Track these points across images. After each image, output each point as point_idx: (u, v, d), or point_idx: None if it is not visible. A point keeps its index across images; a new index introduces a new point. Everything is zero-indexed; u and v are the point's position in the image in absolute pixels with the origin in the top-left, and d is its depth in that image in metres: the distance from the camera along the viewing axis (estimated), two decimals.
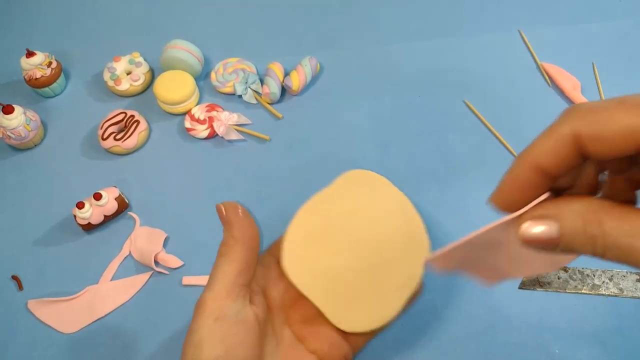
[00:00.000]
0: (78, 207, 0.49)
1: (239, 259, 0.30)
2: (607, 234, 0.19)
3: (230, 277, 0.30)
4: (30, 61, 0.58)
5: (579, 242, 0.20)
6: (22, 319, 0.48)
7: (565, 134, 0.21)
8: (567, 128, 0.21)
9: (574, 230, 0.20)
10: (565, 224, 0.20)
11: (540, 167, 0.22)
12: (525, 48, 0.63)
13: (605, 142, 0.20)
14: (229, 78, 0.60)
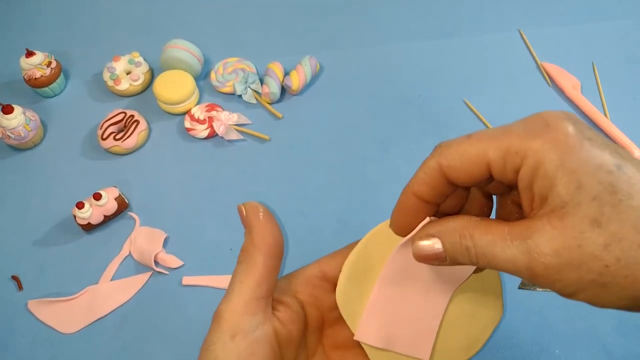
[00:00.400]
0: (78, 207, 0.49)
1: (258, 268, 0.28)
2: (476, 244, 0.23)
3: (249, 289, 0.28)
4: (29, 61, 0.58)
5: (459, 254, 0.23)
6: (22, 319, 0.48)
7: (432, 167, 0.25)
8: (433, 161, 0.25)
9: (453, 244, 0.23)
10: (445, 240, 0.24)
11: (418, 195, 0.25)
12: (525, 48, 0.63)
13: (459, 170, 0.24)
14: (228, 78, 0.60)
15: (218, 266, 0.50)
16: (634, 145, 0.55)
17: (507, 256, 0.22)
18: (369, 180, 0.54)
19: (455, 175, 0.24)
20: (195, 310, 0.48)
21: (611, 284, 0.21)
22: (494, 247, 0.22)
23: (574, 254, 0.21)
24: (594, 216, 0.20)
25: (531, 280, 0.22)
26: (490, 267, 0.23)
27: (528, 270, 0.22)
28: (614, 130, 0.56)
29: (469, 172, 0.24)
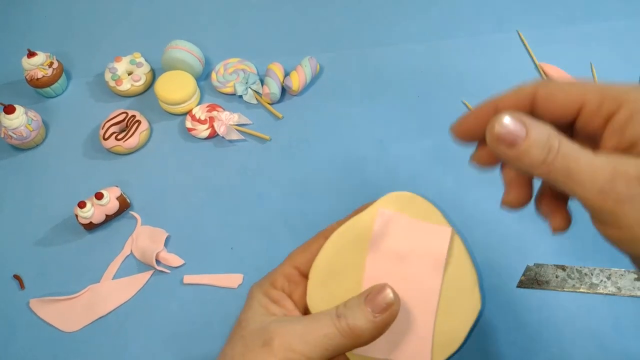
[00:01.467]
0: (80, 207, 0.50)
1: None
2: (562, 145, 0.23)
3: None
4: (31, 61, 0.58)
5: (538, 146, 0.23)
6: (24, 318, 0.48)
7: (527, 90, 0.25)
8: (530, 87, 0.25)
9: (539, 137, 0.23)
10: (533, 129, 0.23)
11: (500, 108, 0.26)
12: (524, 48, 0.64)
13: (554, 101, 0.25)
14: (229, 78, 0.61)
15: (219, 265, 0.50)
16: None
17: (590, 162, 0.22)
18: (369, 180, 0.54)
19: (547, 105, 0.25)
20: (197, 309, 0.48)
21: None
22: (579, 153, 0.22)
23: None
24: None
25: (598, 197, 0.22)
26: (564, 171, 0.23)
27: (607, 182, 0.22)
28: None
29: (562, 105, 0.25)
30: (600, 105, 0.24)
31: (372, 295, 0.28)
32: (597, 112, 0.24)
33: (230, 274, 0.49)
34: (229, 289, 0.49)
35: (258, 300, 0.30)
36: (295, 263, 0.31)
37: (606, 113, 0.24)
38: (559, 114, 0.25)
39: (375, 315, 0.27)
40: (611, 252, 0.51)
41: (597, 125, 0.24)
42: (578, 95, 0.25)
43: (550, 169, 0.23)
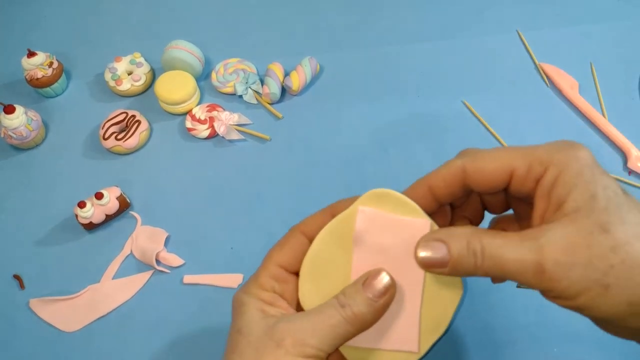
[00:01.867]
0: (80, 207, 0.50)
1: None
2: (485, 247, 0.24)
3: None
4: (31, 61, 0.58)
5: (464, 258, 0.24)
6: (24, 318, 0.48)
7: (456, 166, 0.27)
8: (459, 162, 0.27)
9: (459, 248, 0.25)
10: (452, 244, 0.25)
11: (432, 188, 0.28)
12: (524, 49, 0.64)
13: (483, 174, 0.26)
14: (229, 78, 0.61)
15: (219, 265, 0.50)
16: (632, 145, 0.55)
17: (516, 255, 0.23)
18: (369, 180, 0.54)
19: (478, 177, 0.27)
20: (197, 309, 0.48)
21: (613, 285, 0.22)
22: (503, 248, 0.24)
23: (583, 252, 0.22)
24: (603, 223, 0.22)
25: (536, 280, 0.23)
26: (497, 269, 0.24)
27: (537, 267, 0.23)
28: (611, 130, 0.56)
29: (493, 176, 0.26)
30: (529, 170, 0.25)
31: (369, 281, 0.28)
32: (527, 176, 0.25)
33: (230, 273, 0.49)
34: (229, 289, 0.49)
35: (252, 306, 0.29)
36: (278, 262, 0.31)
37: (534, 177, 0.25)
38: (490, 184, 0.27)
39: (375, 299, 0.28)
40: None
41: (528, 188, 0.26)
42: (506, 163, 0.26)
43: (484, 271, 0.24)
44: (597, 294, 0.22)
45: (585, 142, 0.57)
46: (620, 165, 0.55)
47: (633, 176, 0.54)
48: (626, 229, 0.22)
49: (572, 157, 0.24)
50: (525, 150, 0.26)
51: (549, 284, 0.23)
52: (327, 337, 0.27)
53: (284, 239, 0.32)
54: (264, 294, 0.30)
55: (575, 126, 0.58)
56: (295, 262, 0.31)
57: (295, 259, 0.31)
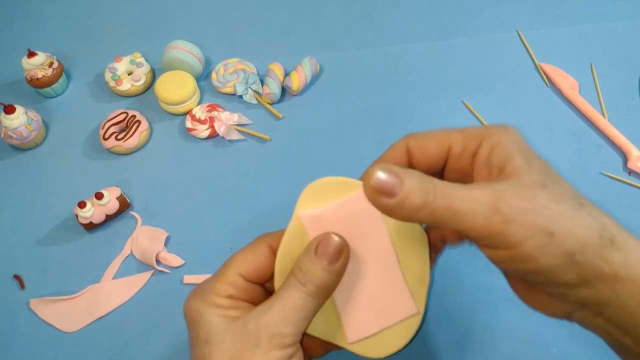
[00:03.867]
0: (80, 207, 0.50)
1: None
2: (437, 186, 0.24)
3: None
4: (31, 61, 0.58)
5: (416, 192, 0.24)
6: (24, 318, 0.48)
7: (400, 145, 0.29)
8: (402, 142, 0.29)
9: (412, 182, 0.24)
10: (405, 177, 0.24)
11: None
12: (524, 49, 0.64)
13: (423, 150, 0.28)
14: (229, 78, 0.61)
15: (219, 265, 0.50)
16: (632, 145, 0.55)
17: (469, 194, 0.24)
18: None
19: (419, 154, 0.28)
20: None
21: (557, 234, 0.23)
22: (457, 188, 0.24)
23: (531, 201, 0.24)
24: (542, 181, 0.24)
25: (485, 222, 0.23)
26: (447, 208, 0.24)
27: (491, 207, 0.23)
28: (611, 130, 0.56)
29: (432, 152, 0.28)
30: (465, 146, 0.27)
31: (321, 248, 0.28)
32: (463, 152, 0.27)
33: None
34: None
35: (213, 313, 0.28)
36: (239, 270, 0.30)
37: (470, 151, 0.27)
38: (431, 160, 0.28)
39: (332, 265, 0.28)
40: None
41: (465, 164, 0.27)
42: (443, 140, 0.27)
43: (432, 208, 0.24)
44: (542, 242, 0.23)
45: (585, 142, 0.58)
46: (620, 166, 0.55)
47: (633, 176, 0.54)
48: (560, 189, 0.24)
49: (504, 132, 0.26)
50: (460, 129, 0.27)
51: (498, 227, 0.23)
52: (299, 319, 0.27)
53: (248, 248, 0.31)
54: (222, 300, 0.29)
55: (575, 126, 0.58)
56: (257, 272, 0.30)
57: (257, 269, 0.30)
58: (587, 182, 0.54)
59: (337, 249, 0.28)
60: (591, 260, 0.23)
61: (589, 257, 0.23)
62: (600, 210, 0.25)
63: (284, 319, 0.27)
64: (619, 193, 0.53)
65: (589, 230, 0.23)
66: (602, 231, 0.24)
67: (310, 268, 0.28)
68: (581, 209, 0.24)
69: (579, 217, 0.24)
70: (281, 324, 0.27)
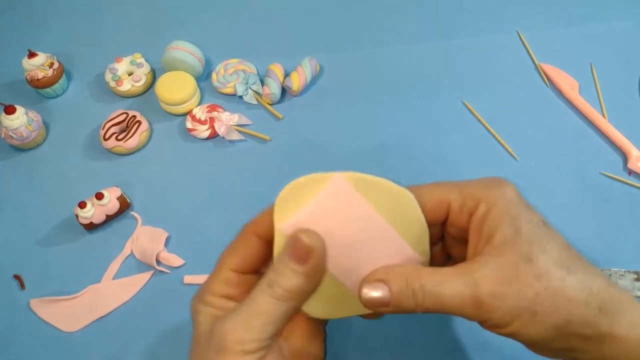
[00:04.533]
0: (80, 207, 0.50)
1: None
2: (424, 286, 0.26)
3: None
4: (32, 62, 0.58)
5: (405, 298, 0.26)
6: (24, 318, 0.48)
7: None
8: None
9: (399, 287, 0.26)
10: (393, 283, 0.26)
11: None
12: (524, 49, 0.64)
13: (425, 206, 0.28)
14: (229, 79, 0.61)
15: None
16: (632, 146, 0.55)
17: (454, 291, 0.25)
18: None
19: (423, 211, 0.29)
20: None
21: (540, 312, 0.24)
22: (442, 286, 0.26)
23: (513, 283, 0.25)
24: (527, 254, 0.25)
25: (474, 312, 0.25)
26: (437, 306, 0.26)
27: (474, 300, 0.25)
28: (611, 131, 0.56)
29: (431, 209, 0.29)
30: (463, 204, 0.28)
31: (289, 249, 0.27)
32: (461, 210, 0.28)
33: None
34: None
35: (205, 314, 0.28)
36: (230, 266, 0.30)
37: (467, 210, 0.28)
38: (432, 216, 0.29)
39: (302, 266, 0.27)
40: (611, 252, 0.51)
41: (463, 221, 0.28)
42: (443, 197, 0.28)
43: (425, 308, 0.26)
44: (526, 321, 0.25)
45: (585, 142, 0.58)
46: (620, 166, 0.55)
47: (633, 176, 0.54)
48: (547, 258, 0.25)
49: (499, 194, 0.27)
50: (459, 185, 0.28)
51: (486, 315, 0.25)
52: (265, 325, 0.26)
53: (235, 241, 0.31)
54: (216, 300, 0.29)
55: (575, 127, 0.58)
56: (248, 264, 0.30)
57: (248, 261, 0.30)
58: (587, 182, 0.54)
59: (306, 250, 0.27)
60: (578, 330, 0.25)
61: (575, 328, 0.25)
62: (590, 272, 0.26)
63: (247, 325, 0.26)
64: (619, 193, 0.53)
65: (573, 301, 0.24)
66: (589, 299, 0.25)
67: (281, 269, 0.27)
68: (567, 276, 0.25)
69: (565, 287, 0.25)
70: (244, 330, 0.26)
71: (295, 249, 0.27)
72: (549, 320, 0.24)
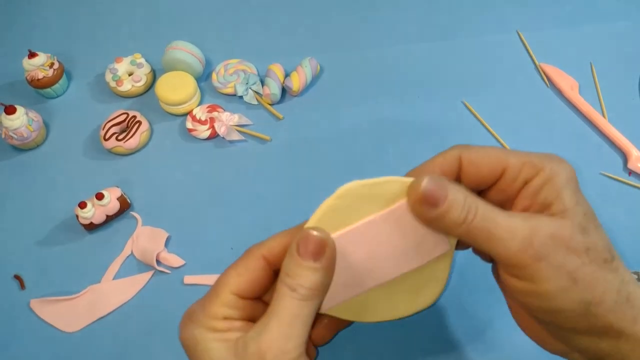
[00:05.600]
0: (80, 207, 0.50)
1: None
2: (480, 206, 0.25)
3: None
4: (32, 62, 0.58)
5: (457, 209, 0.25)
6: (25, 318, 0.48)
7: (452, 155, 0.28)
8: (455, 151, 0.28)
9: (457, 198, 0.25)
10: (452, 190, 0.25)
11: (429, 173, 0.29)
12: (524, 49, 0.64)
13: (478, 164, 0.28)
14: (229, 79, 0.61)
15: (219, 265, 0.50)
16: (632, 146, 0.55)
17: (508, 223, 0.25)
18: None
19: (471, 169, 0.28)
20: None
21: (580, 281, 0.24)
22: (497, 213, 0.25)
23: (564, 244, 0.25)
24: (584, 226, 0.25)
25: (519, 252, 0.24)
26: (484, 231, 0.25)
27: (526, 239, 0.24)
28: (611, 130, 0.56)
29: (485, 170, 0.28)
30: (520, 171, 0.27)
31: (302, 247, 0.26)
32: (517, 177, 0.27)
33: None
34: None
35: (211, 339, 0.26)
36: (232, 289, 0.28)
37: (524, 178, 0.27)
38: (482, 177, 0.28)
39: (318, 261, 0.26)
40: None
41: (514, 189, 0.27)
42: (501, 160, 0.27)
43: (469, 228, 0.25)
44: (564, 285, 0.24)
45: (585, 142, 0.58)
46: (620, 166, 0.55)
47: (633, 177, 0.54)
48: (598, 236, 0.25)
49: (562, 168, 0.26)
50: (517, 153, 0.28)
51: (527, 260, 0.24)
52: (299, 329, 0.26)
53: (241, 263, 0.29)
54: (218, 323, 0.27)
55: (575, 127, 0.58)
56: (252, 288, 0.28)
57: (253, 285, 0.28)
58: (587, 182, 0.54)
59: (319, 243, 0.27)
60: (605, 313, 0.24)
61: (603, 310, 0.24)
62: (623, 266, 0.26)
63: (285, 335, 0.25)
64: (619, 193, 0.53)
65: (609, 284, 0.25)
66: (621, 287, 0.25)
67: (297, 271, 0.26)
68: (608, 262, 0.25)
69: (604, 270, 0.25)
70: (282, 340, 0.25)
71: (307, 245, 0.27)
72: (585, 293, 0.24)
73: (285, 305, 0.26)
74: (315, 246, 0.27)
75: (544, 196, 0.26)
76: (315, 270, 0.26)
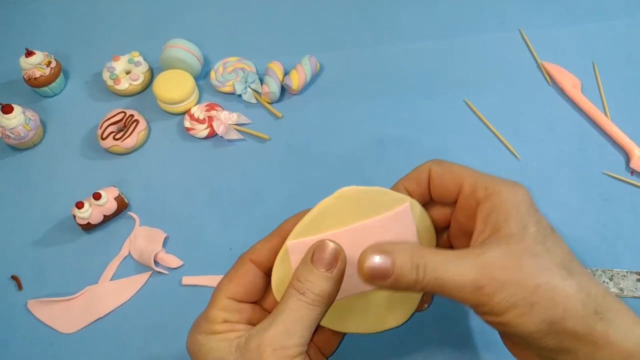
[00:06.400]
0: (77, 207, 0.49)
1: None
2: (428, 262, 0.26)
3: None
4: (29, 60, 0.58)
5: (407, 272, 0.26)
6: (22, 319, 0.48)
7: (424, 169, 0.32)
8: (426, 166, 0.32)
9: (403, 261, 0.26)
10: (397, 256, 0.26)
11: (407, 188, 0.32)
12: (526, 47, 0.63)
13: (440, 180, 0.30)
14: (228, 77, 0.60)
15: (217, 266, 0.50)
16: (634, 145, 0.55)
17: (456, 272, 0.26)
18: (369, 180, 0.53)
19: (437, 183, 0.31)
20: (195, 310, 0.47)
21: (538, 304, 0.25)
22: (445, 265, 0.26)
23: (515, 272, 0.25)
24: (533, 249, 0.26)
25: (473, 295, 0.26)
26: (436, 285, 0.26)
27: (475, 283, 0.25)
28: (614, 129, 0.56)
29: (447, 185, 0.30)
30: (473, 191, 0.29)
31: (317, 256, 0.28)
32: (471, 196, 0.29)
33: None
34: None
35: (213, 340, 0.28)
36: (226, 294, 0.31)
37: (476, 198, 0.29)
38: (445, 191, 0.30)
39: (330, 271, 0.28)
40: (613, 252, 0.51)
41: (471, 208, 0.29)
42: (458, 178, 0.30)
43: (423, 285, 0.26)
44: (523, 311, 0.25)
45: (587, 141, 0.58)
46: (622, 165, 0.55)
47: (635, 176, 0.54)
48: (550, 258, 0.26)
49: (512, 192, 0.28)
50: (476, 173, 0.29)
51: (483, 299, 0.25)
52: (302, 330, 0.27)
53: (232, 270, 0.32)
54: (218, 326, 0.29)
55: (577, 125, 0.57)
56: (245, 292, 0.31)
57: (245, 289, 0.31)
58: (589, 182, 0.53)
59: (333, 255, 0.28)
60: (572, 328, 0.25)
61: (570, 326, 0.25)
62: (590, 278, 0.26)
63: (286, 332, 0.27)
64: (622, 193, 0.53)
65: (571, 299, 0.25)
66: (587, 300, 0.25)
67: (309, 277, 0.28)
68: (568, 277, 0.26)
69: (564, 286, 0.25)
70: (284, 337, 0.27)
71: (323, 254, 0.28)
72: (545, 314, 0.25)
73: (291, 306, 0.28)
74: (330, 256, 0.28)
75: (494, 220, 0.27)
76: (327, 279, 0.28)
